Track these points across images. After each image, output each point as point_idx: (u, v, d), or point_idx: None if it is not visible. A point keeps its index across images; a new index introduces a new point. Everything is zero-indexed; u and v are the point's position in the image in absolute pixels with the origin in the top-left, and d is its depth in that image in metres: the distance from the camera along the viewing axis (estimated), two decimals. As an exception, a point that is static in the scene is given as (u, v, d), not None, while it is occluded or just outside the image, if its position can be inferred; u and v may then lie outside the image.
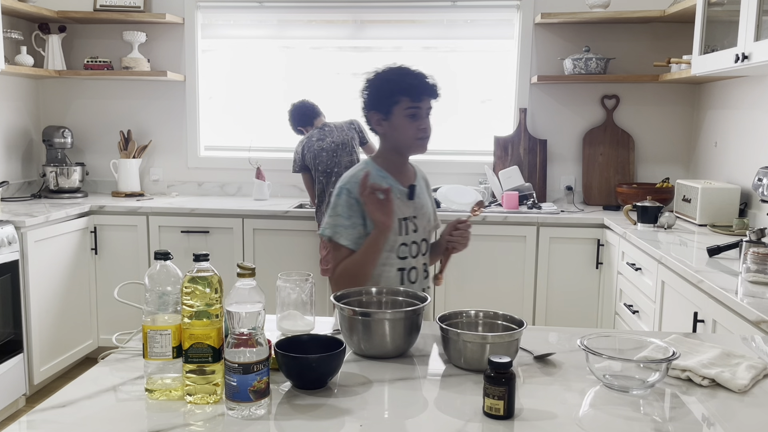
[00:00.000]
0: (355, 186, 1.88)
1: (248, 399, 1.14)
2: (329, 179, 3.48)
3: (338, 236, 1.88)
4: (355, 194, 1.87)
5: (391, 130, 1.90)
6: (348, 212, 1.88)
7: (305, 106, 3.68)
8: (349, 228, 1.88)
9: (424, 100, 1.87)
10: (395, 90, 1.86)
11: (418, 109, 1.87)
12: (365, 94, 1.92)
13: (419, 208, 1.98)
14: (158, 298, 1.23)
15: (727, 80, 3.48)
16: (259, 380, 1.15)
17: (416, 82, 1.86)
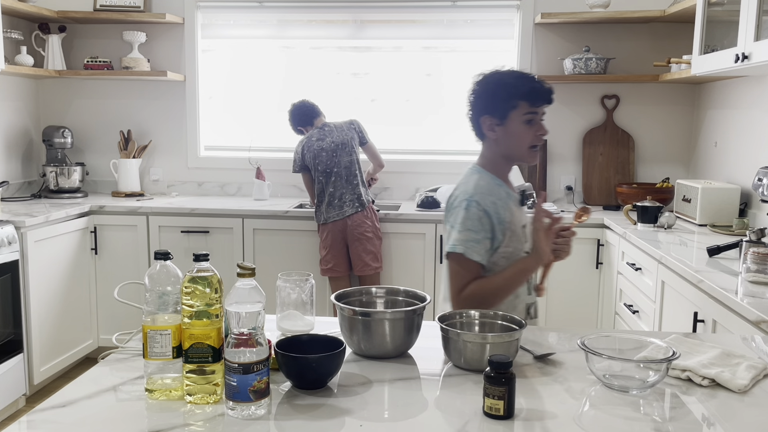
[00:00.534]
0: (484, 198, 1.77)
1: (248, 399, 1.14)
2: (329, 179, 3.48)
3: (471, 252, 1.73)
4: (485, 206, 1.75)
5: (506, 136, 1.79)
6: (479, 226, 1.75)
7: (305, 106, 3.67)
8: (480, 242, 1.75)
9: (541, 106, 1.79)
10: (513, 94, 1.76)
11: (535, 115, 1.78)
12: (476, 97, 1.82)
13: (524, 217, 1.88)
14: (158, 298, 1.23)
15: (727, 80, 3.48)
16: (259, 380, 1.15)
17: (535, 87, 1.78)
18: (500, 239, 1.77)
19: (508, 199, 1.82)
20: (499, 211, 1.78)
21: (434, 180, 4.08)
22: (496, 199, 1.79)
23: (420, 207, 3.67)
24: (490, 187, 1.80)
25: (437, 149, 4.18)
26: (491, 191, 1.80)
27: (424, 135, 4.19)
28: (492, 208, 1.77)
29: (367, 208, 3.48)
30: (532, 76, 1.81)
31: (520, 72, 1.82)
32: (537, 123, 1.79)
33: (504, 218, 1.78)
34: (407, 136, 4.20)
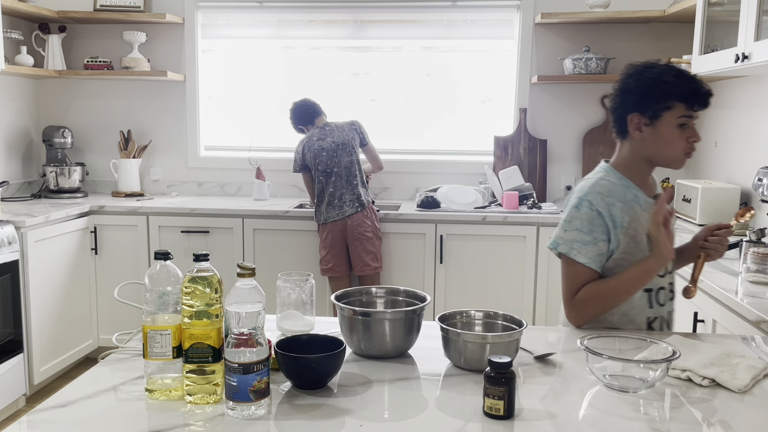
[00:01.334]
0: (598, 198, 1.65)
1: (248, 399, 1.14)
2: (329, 179, 3.48)
3: (575, 253, 1.64)
4: (598, 206, 1.64)
5: (654, 138, 1.65)
6: (589, 227, 1.64)
7: (306, 105, 3.67)
8: (590, 244, 1.64)
9: (698, 110, 1.65)
10: (671, 93, 1.63)
11: (689, 119, 1.65)
12: (625, 92, 1.68)
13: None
14: (158, 298, 1.23)
15: (727, 80, 3.48)
16: (259, 380, 1.15)
17: (695, 88, 1.65)
18: (615, 244, 1.65)
19: (633, 202, 1.67)
20: (615, 213, 1.64)
21: (434, 180, 4.08)
22: (615, 200, 1.65)
23: (420, 207, 3.67)
24: (611, 188, 1.67)
25: (437, 149, 4.18)
26: (611, 192, 1.66)
27: (424, 135, 4.19)
28: (606, 209, 1.64)
29: (367, 208, 3.47)
30: (692, 75, 1.67)
31: (679, 70, 1.66)
32: (690, 127, 1.65)
33: (619, 222, 1.64)
34: (407, 136, 4.20)
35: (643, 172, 1.72)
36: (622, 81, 1.69)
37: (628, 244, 1.65)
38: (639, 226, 1.66)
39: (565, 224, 1.67)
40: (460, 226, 3.53)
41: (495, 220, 3.52)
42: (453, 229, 3.53)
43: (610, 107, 1.73)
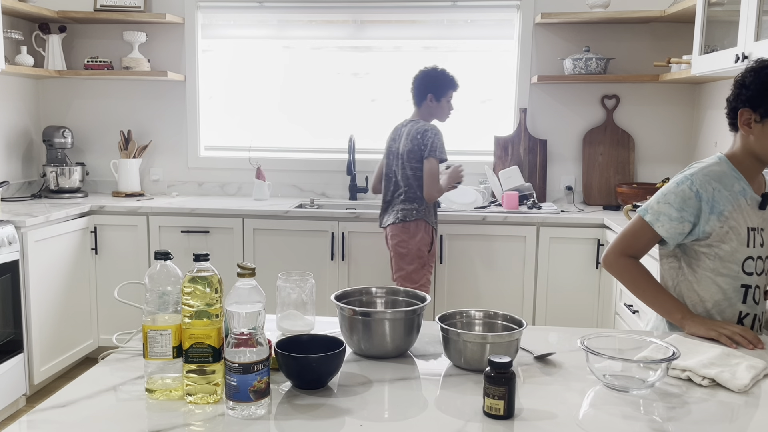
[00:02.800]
0: (704, 181, 1.67)
1: (248, 399, 1.14)
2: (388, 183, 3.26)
3: (658, 225, 1.68)
4: (699, 188, 1.66)
5: (761, 136, 1.65)
6: (681, 204, 1.67)
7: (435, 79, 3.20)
8: (674, 221, 1.67)
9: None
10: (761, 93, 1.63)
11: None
12: (743, 86, 1.67)
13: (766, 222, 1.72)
14: (158, 298, 1.23)
15: (728, 80, 3.48)
16: (259, 380, 1.15)
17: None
18: (706, 231, 1.66)
19: (740, 194, 1.67)
20: (717, 199, 1.65)
21: (434, 180, 4.08)
22: (722, 188, 1.66)
23: (420, 207, 3.66)
24: (721, 176, 1.68)
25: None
26: (720, 179, 1.67)
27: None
28: (708, 194, 1.65)
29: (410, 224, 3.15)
30: None
31: None
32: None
33: (720, 209, 1.65)
34: (407, 136, 4.19)
35: (753, 168, 1.72)
36: (743, 75, 1.69)
37: (726, 234, 1.66)
38: (740, 218, 1.67)
39: (661, 196, 1.71)
40: (460, 226, 3.53)
41: (495, 220, 3.52)
42: (453, 229, 3.53)
43: (728, 98, 1.73)
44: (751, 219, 1.68)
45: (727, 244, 1.67)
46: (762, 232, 1.70)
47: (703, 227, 1.67)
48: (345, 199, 4.14)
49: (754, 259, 1.69)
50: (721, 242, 1.67)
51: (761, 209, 1.70)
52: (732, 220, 1.66)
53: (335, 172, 4.17)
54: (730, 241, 1.67)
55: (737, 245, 1.67)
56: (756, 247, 1.69)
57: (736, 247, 1.67)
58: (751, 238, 1.67)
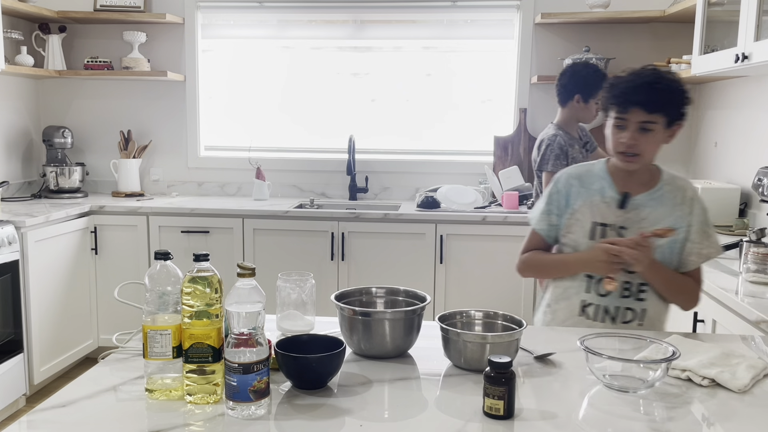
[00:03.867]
0: (562, 176, 1.85)
1: (248, 399, 1.14)
2: None
3: (533, 222, 1.88)
4: (560, 185, 1.83)
5: (607, 135, 1.80)
6: (548, 199, 1.85)
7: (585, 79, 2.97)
8: (544, 213, 1.85)
9: (630, 113, 1.69)
10: (609, 97, 1.75)
11: (621, 120, 1.72)
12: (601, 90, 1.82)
13: (634, 222, 1.75)
14: (158, 298, 1.23)
15: (727, 80, 3.48)
16: (259, 380, 1.15)
17: (627, 93, 1.70)
18: (563, 223, 1.82)
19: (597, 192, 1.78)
20: (572, 195, 1.81)
21: (434, 180, 4.08)
22: (579, 185, 1.81)
23: (420, 207, 3.67)
24: (580, 172, 1.84)
25: (437, 149, 4.18)
26: (580, 177, 1.83)
27: (424, 135, 4.19)
28: (567, 189, 1.82)
29: None
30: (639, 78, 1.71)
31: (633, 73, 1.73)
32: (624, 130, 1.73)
33: (572, 204, 1.81)
34: (407, 136, 4.20)
35: (622, 167, 1.78)
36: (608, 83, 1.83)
37: (571, 225, 1.81)
38: (588, 213, 1.79)
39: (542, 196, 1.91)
40: (460, 226, 3.53)
41: (495, 220, 3.52)
42: (453, 229, 3.53)
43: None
44: (603, 216, 1.77)
45: (572, 234, 1.81)
46: (621, 230, 1.75)
47: (563, 220, 1.82)
48: (345, 199, 4.14)
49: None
50: (568, 232, 1.81)
51: (620, 208, 1.76)
52: (579, 213, 1.80)
53: (335, 172, 4.17)
54: (574, 232, 1.80)
55: (579, 237, 1.79)
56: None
57: (578, 238, 1.79)
58: (597, 232, 1.77)
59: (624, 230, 1.75)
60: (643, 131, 1.69)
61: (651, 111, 1.67)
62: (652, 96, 1.67)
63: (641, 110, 1.68)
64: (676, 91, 1.69)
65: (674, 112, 1.69)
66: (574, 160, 2.92)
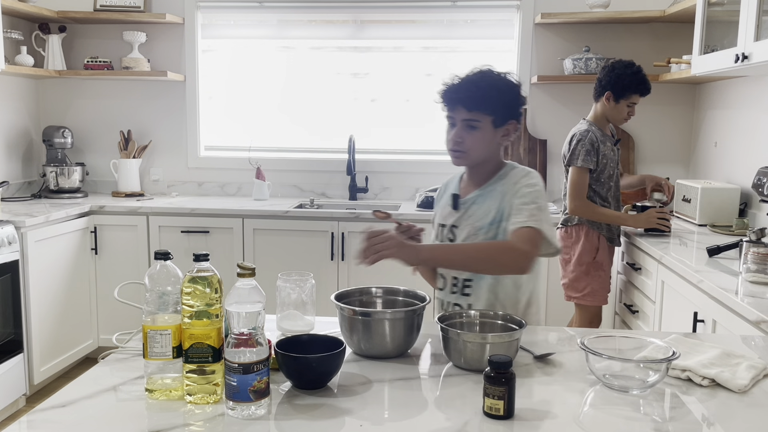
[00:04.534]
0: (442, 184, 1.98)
1: (248, 399, 1.14)
2: None
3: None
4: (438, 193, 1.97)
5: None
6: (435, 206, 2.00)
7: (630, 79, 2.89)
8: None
9: (456, 110, 1.73)
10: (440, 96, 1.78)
11: (450, 118, 1.77)
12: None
13: (463, 219, 1.81)
14: (158, 298, 1.23)
15: (727, 80, 3.48)
16: (259, 380, 1.15)
17: (451, 89, 1.74)
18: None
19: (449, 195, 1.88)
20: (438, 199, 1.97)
21: (434, 180, 4.08)
22: (444, 189, 1.94)
23: (420, 207, 3.67)
24: (448, 181, 1.95)
25: (437, 149, 4.18)
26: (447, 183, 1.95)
27: (424, 135, 4.19)
28: (438, 195, 1.97)
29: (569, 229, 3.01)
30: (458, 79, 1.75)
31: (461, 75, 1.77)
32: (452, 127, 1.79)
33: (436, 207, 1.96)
34: (407, 137, 4.20)
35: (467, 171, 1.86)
36: None
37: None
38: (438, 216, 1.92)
39: None
40: (460, 226, 3.52)
41: (495, 220, 3.51)
42: (453, 229, 3.52)
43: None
44: (443, 217, 1.87)
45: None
46: (455, 229, 1.82)
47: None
48: (345, 199, 4.13)
49: None
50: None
51: (454, 209, 1.83)
52: (436, 217, 1.93)
53: (335, 172, 4.17)
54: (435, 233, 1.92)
55: (433, 239, 1.91)
56: (444, 242, 1.85)
57: (432, 240, 1.91)
58: (438, 233, 1.88)
59: (456, 228, 1.82)
60: (469, 129, 1.72)
61: (471, 109, 1.70)
62: (472, 94, 1.70)
63: (462, 108, 1.72)
64: (501, 90, 1.72)
65: (500, 110, 1.71)
66: (605, 157, 2.91)
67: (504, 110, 1.73)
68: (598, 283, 2.98)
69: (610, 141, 2.98)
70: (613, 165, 2.95)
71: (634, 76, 2.87)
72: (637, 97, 2.90)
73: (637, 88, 2.87)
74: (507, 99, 1.73)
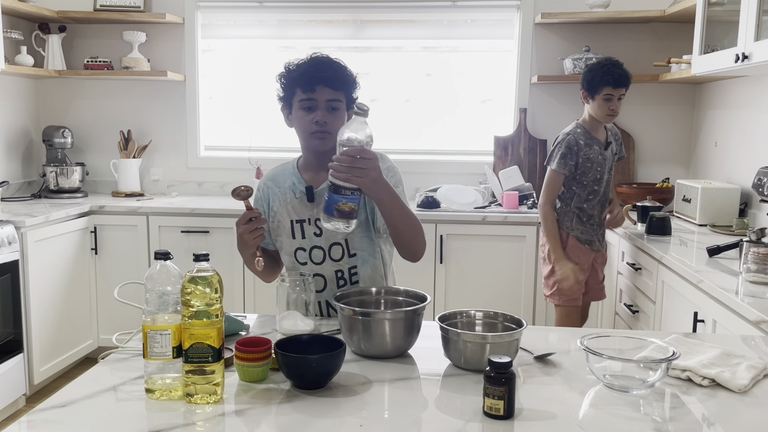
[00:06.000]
0: (261, 181, 1.91)
1: (332, 214, 1.50)
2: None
3: None
4: (260, 191, 1.88)
5: (294, 125, 1.79)
6: (255, 205, 1.84)
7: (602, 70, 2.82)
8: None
9: (317, 91, 1.69)
10: (291, 82, 1.77)
11: (310, 101, 1.71)
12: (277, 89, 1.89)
13: None
14: (158, 298, 1.23)
15: (727, 80, 3.48)
16: (344, 203, 1.49)
17: (309, 71, 1.71)
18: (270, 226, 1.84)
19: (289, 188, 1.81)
20: (271, 196, 1.85)
21: (434, 180, 4.08)
22: (274, 185, 1.85)
23: (420, 207, 3.67)
24: (276, 174, 1.89)
25: (437, 149, 4.18)
26: (275, 177, 1.87)
27: (424, 135, 4.19)
28: (266, 193, 1.87)
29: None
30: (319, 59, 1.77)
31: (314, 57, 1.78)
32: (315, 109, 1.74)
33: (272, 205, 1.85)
34: (407, 136, 4.20)
35: (312, 161, 1.80)
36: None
37: (275, 228, 1.83)
38: (285, 212, 1.81)
39: None
40: (460, 226, 3.53)
41: (495, 220, 3.52)
42: (453, 229, 3.53)
43: None
44: (297, 212, 1.79)
45: (280, 236, 1.82)
46: (319, 223, 1.75)
47: (270, 225, 1.84)
48: (345, 199, 4.13)
49: (306, 250, 1.80)
50: (277, 236, 1.83)
51: (310, 201, 1.78)
52: (279, 215, 1.81)
53: (335, 172, 4.16)
54: (280, 233, 1.81)
55: (284, 238, 1.81)
56: (306, 238, 1.79)
57: (285, 239, 1.81)
58: (296, 230, 1.79)
59: (319, 222, 1.74)
60: (331, 110, 1.71)
61: (337, 89, 1.70)
62: (336, 73, 1.71)
63: (328, 88, 1.69)
64: (351, 73, 1.75)
65: (352, 92, 1.75)
66: (589, 160, 2.86)
67: (353, 92, 1.76)
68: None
69: (599, 144, 2.90)
70: (600, 168, 2.88)
71: (600, 69, 2.78)
72: (609, 89, 2.76)
73: (603, 79, 2.75)
74: (355, 82, 1.76)
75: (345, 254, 1.79)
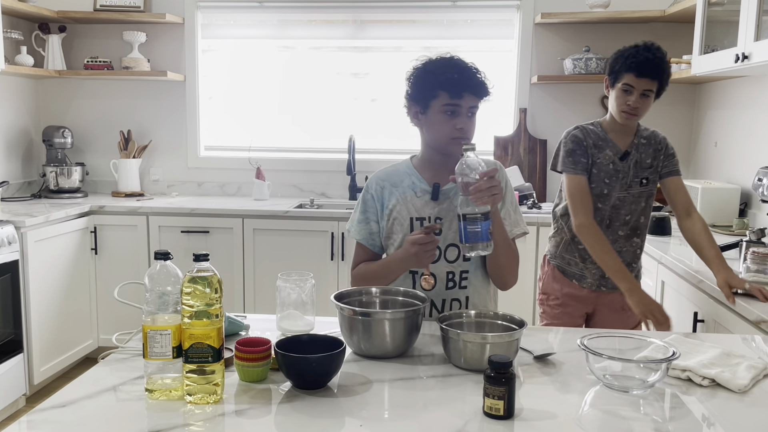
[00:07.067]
0: (373, 181, 1.84)
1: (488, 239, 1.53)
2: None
3: (352, 232, 1.89)
4: (371, 191, 1.83)
5: (428, 126, 1.77)
6: (362, 206, 1.85)
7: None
8: (362, 223, 1.85)
9: (464, 98, 1.74)
10: (435, 84, 1.76)
11: (457, 107, 1.73)
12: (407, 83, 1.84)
13: (448, 211, 1.76)
14: (158, 298, 1.23)
15: (727, 80, 3.48)
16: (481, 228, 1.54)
17: (457, 77, 1.74)
18: (383, 227, 1.81)
19: (408, 188, 1.79)
20: (385, 196, 1.80)
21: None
22: (388, 184, 1.81)
23: (420, 207, 3.66)
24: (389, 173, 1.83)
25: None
26: (388, 176, 1.82)
27: (424, 135, 4.19)
28: (378, 192, 1.82)
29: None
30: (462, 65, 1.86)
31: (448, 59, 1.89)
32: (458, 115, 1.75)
33: (386, 204, 1.80)
34: (407, 136, 4.19)
35: (436, 160, 1.79)
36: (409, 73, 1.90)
37: (390, 227, 1.79)
38: (404, 210, 1.78)
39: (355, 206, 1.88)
40: (460, 226, 3.52)
41: (495, 220, 3.51)
42: (453, 229, 3.53)
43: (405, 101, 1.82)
44: (419, 210, 1.78)
45: (395, 234, 1.79)
46: (438, 222, 1.76)
47: (382, 224, 1.81)
48: (345, 199, 4.13)
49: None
50: (391, 233, 1.80)
51: (434, 200, 1.77)
52: (396, 212, 1.79)
53: (335, 172, 4.17)
54: (396, 232, 1.79)
55: (401, 236, 1.77)
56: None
57: (399, 238, 1.78)
58: (415, 227, 1.76)
59: (440, 221, 1.76)
60: (471, 116, 1.76)
61: (481, 96, 1.79)
62: (480, 81, 1.79)
63: (472, 96, 1.76)
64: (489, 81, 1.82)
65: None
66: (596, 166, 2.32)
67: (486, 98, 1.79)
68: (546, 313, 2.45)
69: (613, 150, 2.32)
70: (608, 181, 2.28)
71: (628, 50, 2.23)
72: (630, 76, 2.19)
73: (626, 62, 2.20)
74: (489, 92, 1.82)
75: (460, 257, 1.78)
